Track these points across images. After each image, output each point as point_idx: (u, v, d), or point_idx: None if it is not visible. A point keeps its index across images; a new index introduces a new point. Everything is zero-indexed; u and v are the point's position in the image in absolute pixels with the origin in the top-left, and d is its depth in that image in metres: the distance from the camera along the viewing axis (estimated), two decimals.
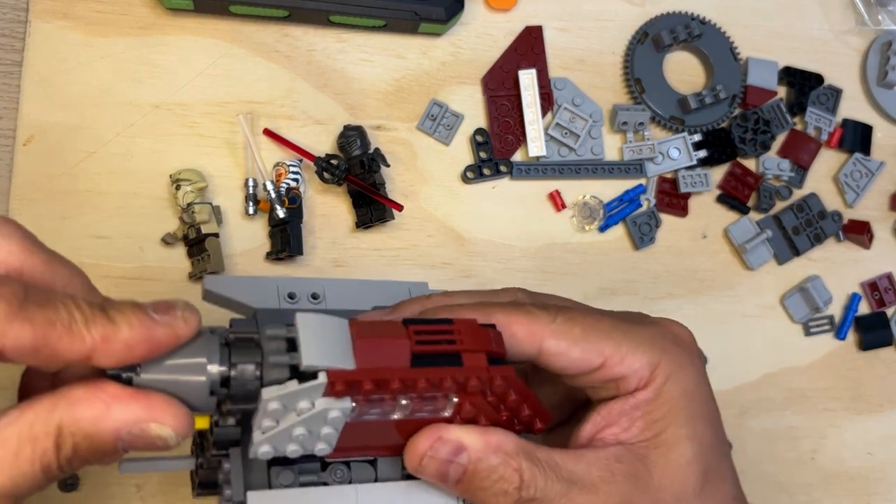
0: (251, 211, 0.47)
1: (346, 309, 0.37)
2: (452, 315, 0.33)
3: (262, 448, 0.30)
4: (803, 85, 0.56)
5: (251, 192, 0.47)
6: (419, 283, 0.41)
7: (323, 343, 0.29)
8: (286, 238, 0.46)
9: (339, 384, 0.29)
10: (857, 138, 0.56)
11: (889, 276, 0.55)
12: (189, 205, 0.45)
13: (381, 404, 0.31)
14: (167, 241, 0.46)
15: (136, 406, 0.27)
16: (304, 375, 0.29)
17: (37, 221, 0.45)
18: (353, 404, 0.30)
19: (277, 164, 0.47)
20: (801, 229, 0.54)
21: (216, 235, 0.45)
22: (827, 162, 0.56)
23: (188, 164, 0.47)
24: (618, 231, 0.52)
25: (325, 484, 0.33)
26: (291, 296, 0.37)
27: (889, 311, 0.55)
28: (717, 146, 0.54)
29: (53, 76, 0.47)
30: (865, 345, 0.54)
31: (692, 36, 0.54)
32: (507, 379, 0.32)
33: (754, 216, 0.54)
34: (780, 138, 0.55)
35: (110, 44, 0.47)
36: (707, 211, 0.54)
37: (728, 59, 0.55)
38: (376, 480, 0.34)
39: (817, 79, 0.56)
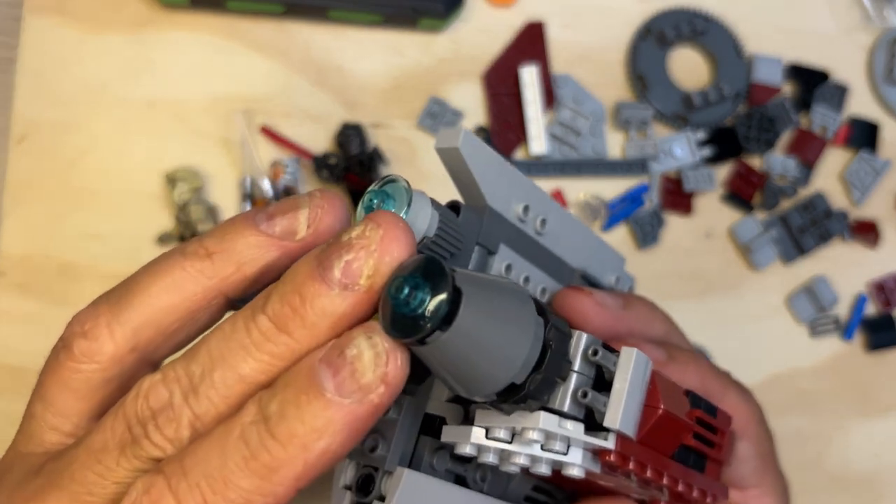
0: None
1: (554, 255, 0.32)
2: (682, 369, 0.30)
3: (466, 448, 0.24)
4: (809, 82, 0.55)
5: (248, 190, 0.46)
6: (618, 257, 0.36)
7: (633, 404, 0.24)
8: None
9: (612, 458, 0.24)
10: (863, 136, 0.55)
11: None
12: (185, 203, 0.45)
13: (620, 483, 0.26)
14: (163, 240, 0.45)
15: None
16: (594, 426, 0.24)
17: (30, 220, 0.45)
18: (599, 467, 0.25)
19: (274, 163, 0.47)
20: (807, 228, 0.53)
21: None
22: (833, 160, 0.55)
23: (184, 162, 0.46)
24: (621, 230, 0.52)
25: (465, 479, 0.28)
26: (526, 210, 0.30)
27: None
28: (722, 144, 0.53)
29: (47, 73, 0.46)
30: (872, 345, 0.53)
31: (696, 32, 0.53)
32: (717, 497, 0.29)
33: (759, 215, 0.53)
34: (786, 136, 0.55)
35: (105, 40, 0.47)
36: (711, 210, 0.53)
37: (733, 55, 0.54)
38: (506, 492, 0.29)
39: (823, 76, 0.55)
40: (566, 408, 0.23)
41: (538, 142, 0.50)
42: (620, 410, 0.23)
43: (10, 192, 0.45)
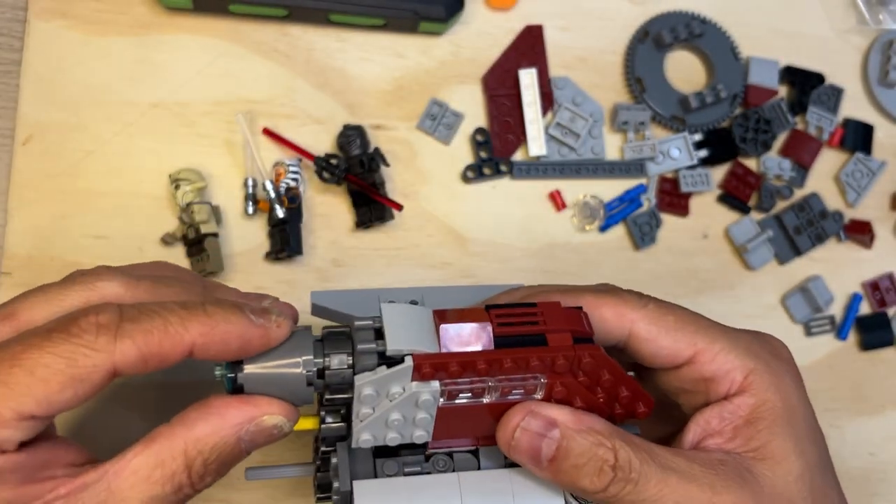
0: (250, 211, 0.47)
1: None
2: (539, 300, 0.33)
3: (362, 436, 0.32)
4: (804, 84, 0.56)
5: (250, 191, 0.47)
6: (516, 286, 0.41)
7: (407, 329, 0.31)
8: (285, 238, 0.46)
9: (426, 367, 0.30)
10: (858, 138, 0.56)
11: (890, 276, 0.55)
12: (188, 204, 0.45)
13: (469, 387, 0.31)
14: (166, 240, 0.46)
15: (246, 407, 0.30)
16: (393, 361, 0.31)
17: (35, 221, 0.45)
18: (442, 387, 0.31)
19: (277, 164, 0.47)
20: (803, 229, 0.54)
21: (215, 235, 0.45)
22: (828, 161, 0.56)
23: (187, 163, 0.47)
24: (618, 231, 0.52)
25: (429, 473, 0.34)
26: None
27: (890, 312, 0.55)
28: (719, 146, 0.54)
29: (52, 75, 0.46)
30: (867, 345, 0.54)
31: (693, 35, 0.54)
32: (595, 357, 0.32)
33: (755, 216, 0.54)
34: (782, 138, 0.55)
35: (109, 43, 0.47)
36: (708, 211, 0.54)
37: (729, 58, 0.55)
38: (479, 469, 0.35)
39: (818, 78, 0.56)
40: (364, 364, 0.31)
41: (537, 143, 0.51)
42: (388, 339, 0.30)
43: (16, 192, 0.45)
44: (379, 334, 0.31)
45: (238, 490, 0.44)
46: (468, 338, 0.31)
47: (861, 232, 0.54)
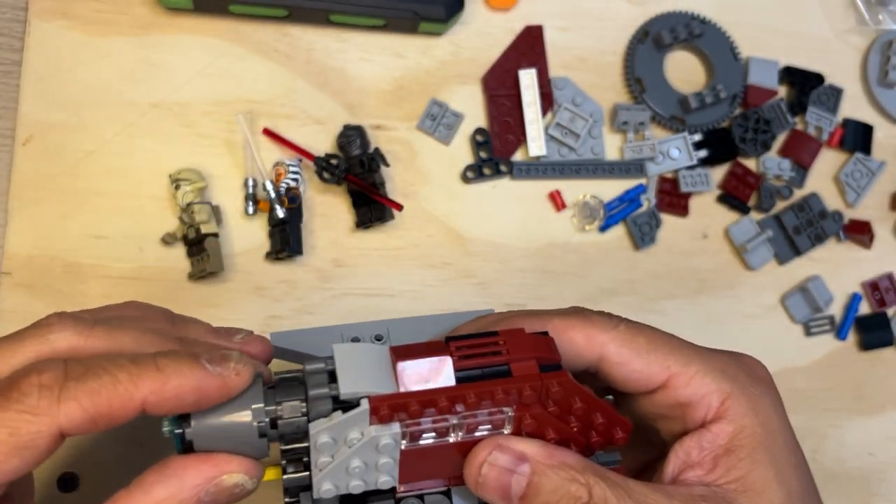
0: (251, 211, 0.47)
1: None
2: (503, 327, 0.32)
3: (323, 486, 0.30)
4: (804, 84, 0.56)
5: (251, 191, 0.47)
6: (486, 311, 0.39)
7: (362, 370, 0.29)
8: (286, 238, 0.46)
9: (384, 409, 0.29)
10: (857, 138, 0.56)
11: (890, 276, 0.55)
12: (188, 204, 0.45)
13: (432, 426, 0.30)
14: (166, 240, 0.46)
15: (203, 466, 0.29)
16: (348, 405, 0.29)
17: (36, 221, 0.45)
18: (403, 428, 0.29)
19: (277, 164, 0.47)
20: (802, 229, 0.54)
21: (215, 235, 0.45)
22: (828, 162, 0.56)
23: (187, 163, 0.47)
24: (618, 231, 0.52)
25: None
26: (355, 340, 0.37)
27: (890, 312, 0.55)
28: (718, 146, 0.54)
29: (52, 75, 0.46)
30: (866, 345, 0.54)
31: (693, 35, 0.54)
32: (564, 384, 0.30)
33: (755, 216, 0.54)
34: (781, 138, 0.55)
35: (109, 43, 0.47)
36: (708, 211, 0.54)
37: (729, 58, 0.55)
38: None
39: (818, 78, 0.56)
40: (318, 410, 0.29)
41: (537, 143, 0.51)
42: (340, 382, 0.29)
43: (16, 192, 0.45)
44: (333, 377, 0.29)
45: None
46: (427, 374, 0.29)
47: (861, 232, 0.54)
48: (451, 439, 0.30)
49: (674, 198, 0.53)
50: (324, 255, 0.48)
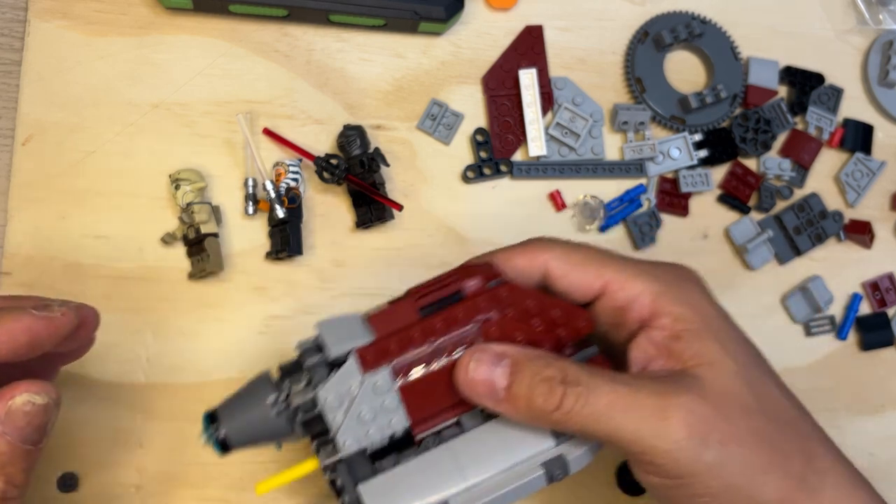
0: (251, 211, 0.47)
1: None
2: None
3: (346, 441, 0.34)
4: (804, 84, 0.56)
5: (251, 191, 0.47)
6: None
7: (342, 333, 0.34)
8: (286, 238, 0.46)
9: (369, 355, 0.34)
10: (858, 138, 0.56)
11: (890, 276, 0.55)
12: (188, 204, 0.45)
13: (415, 358, 0.34)
14: (166, 240, 0.46)
15: None
16: (340, 364, 0.34)
17: (36, 221, 0.45)
18: (391, 367, 0.34)
19: (277, 164, 0.47)
20: (803, 229, 0.54)
21: (215, 235, 0.45)
22: (828, 162, 0.56)
23: (187, 163, 0.47)
24: (618, 231, 0.52)
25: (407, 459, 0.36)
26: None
27: (890, 312, 0.55)
28: (718, 146, 0.54)
29: (52, 76, 0.46)
30: (866, 345, 0.54)
31: (693, 35, 0.54)
32: (511, 289, 0.35)
33: (755, 216, 0.54)
34: (782, 138, 0.55)
35: (109, 43, 0.47)
36: (708, 211, 0.54)
37: (729, 58, 0.55)
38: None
39: (818, 78, 0.56)
40: (318, 377, 0.33)
41: (537, 143, 0.51)
42: (327, 347, 0.34)
43: (16, 192, 0.45)
44: (322, 348, 0.34)
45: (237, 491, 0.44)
46: (397, 319, 0.35)
47: (861, 232, 0.54)
48: (436, 366, 0.34)
49: (674, 198, 0.53)
50: (324, 255, 0.48)
